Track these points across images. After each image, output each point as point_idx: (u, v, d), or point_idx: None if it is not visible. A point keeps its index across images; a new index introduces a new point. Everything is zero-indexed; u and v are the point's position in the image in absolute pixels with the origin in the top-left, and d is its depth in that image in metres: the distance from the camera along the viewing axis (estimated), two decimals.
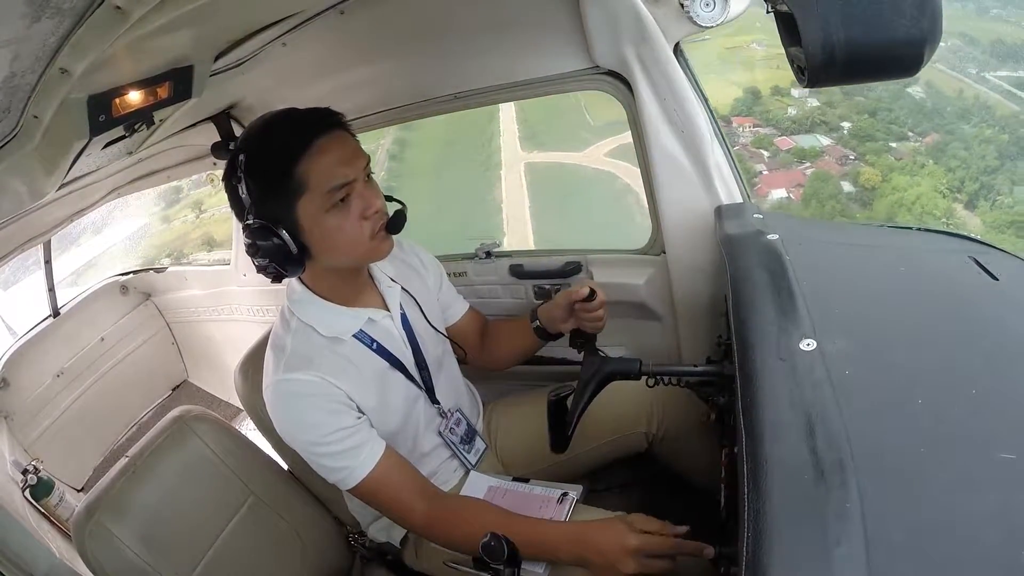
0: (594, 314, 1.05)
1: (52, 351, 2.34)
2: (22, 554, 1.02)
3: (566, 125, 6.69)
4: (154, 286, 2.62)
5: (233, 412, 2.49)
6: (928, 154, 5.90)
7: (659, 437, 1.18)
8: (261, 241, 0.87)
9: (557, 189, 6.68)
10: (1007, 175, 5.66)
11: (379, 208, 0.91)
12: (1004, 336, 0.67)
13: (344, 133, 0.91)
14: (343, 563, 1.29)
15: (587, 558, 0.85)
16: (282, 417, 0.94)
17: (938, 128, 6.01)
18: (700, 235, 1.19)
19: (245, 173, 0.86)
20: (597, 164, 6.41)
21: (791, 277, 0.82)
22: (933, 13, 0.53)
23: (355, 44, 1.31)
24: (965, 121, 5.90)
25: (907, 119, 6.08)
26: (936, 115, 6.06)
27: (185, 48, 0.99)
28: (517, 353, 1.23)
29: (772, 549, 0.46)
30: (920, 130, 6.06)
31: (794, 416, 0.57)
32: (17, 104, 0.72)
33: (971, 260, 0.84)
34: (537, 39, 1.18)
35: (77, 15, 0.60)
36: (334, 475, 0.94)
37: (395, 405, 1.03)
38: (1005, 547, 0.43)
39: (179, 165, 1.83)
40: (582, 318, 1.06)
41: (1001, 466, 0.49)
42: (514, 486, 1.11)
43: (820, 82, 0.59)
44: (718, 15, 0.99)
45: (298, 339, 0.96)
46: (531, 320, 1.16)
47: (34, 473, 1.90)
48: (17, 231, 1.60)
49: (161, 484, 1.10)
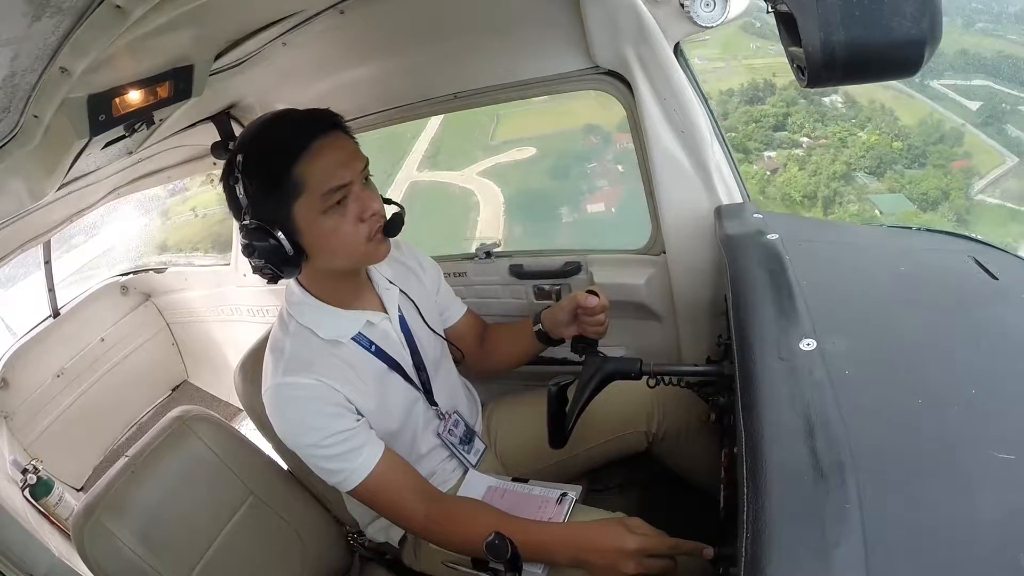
0: (596, 318, 1.05)
1: (52, 351, 2.34)
2: (22, 554, 1.02)
3: (467, 144, 6.88)
4: (154, 287, 2.63)
5: (233, 412, 2.49)
6: (800, 160, 6.04)
7: (659, 437, 1.18)
8: (257, 242, 0.87)
9: (419, 205, 6.90)
10: (861, 182, 5.83)
11: (376, 211, 0.91)
12: (1004, 336, 0.67)
13: (342, 135, 0.91)
14: (342, 563, 1.29)
15: (585, 560, 0.85)
16: (281, 420, 0.94)
17: (831, 135, 6.14)
18: (700, 235, 1.19)
19: (242, 174, 0.86)
20: (465, 183, 6.70)
21: (791, 277, 0.82)
22: (933, 13, 0.52)
23: (355, 44, 1.31)
24: (860, 127, 6.03)
25: (804, 125, 6.21)
26: (838, 120, 6.18)
27: (185, 47, 0.99)
28: (516, 356, 1.23)
29: (771, 549, 0.46)
30: (816, 135, 6.19)
31: (794, 416, 0.57)
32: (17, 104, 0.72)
33: (971, 260, 0.84)
34: (537, 39, 1.18)
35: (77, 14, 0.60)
36: (333, 477, 0.94)
37: (394, 407, 1.03)
38: (1004, 548, 0.43)
39: (179, 165, 1.83)
40: (585, 323, 1.06)
41: (1001, 466, 0.49)
42: (513, 486, 1.11)
43: (820, 82, 0.58)
44: (718, 15, 0.99)
45: (296, 342, 0.96)
46: (534, 323, 1.16)
47: (34, 473, 1.90)
48: (17, 231, 1.60)
49: (161, 484, 1.10)
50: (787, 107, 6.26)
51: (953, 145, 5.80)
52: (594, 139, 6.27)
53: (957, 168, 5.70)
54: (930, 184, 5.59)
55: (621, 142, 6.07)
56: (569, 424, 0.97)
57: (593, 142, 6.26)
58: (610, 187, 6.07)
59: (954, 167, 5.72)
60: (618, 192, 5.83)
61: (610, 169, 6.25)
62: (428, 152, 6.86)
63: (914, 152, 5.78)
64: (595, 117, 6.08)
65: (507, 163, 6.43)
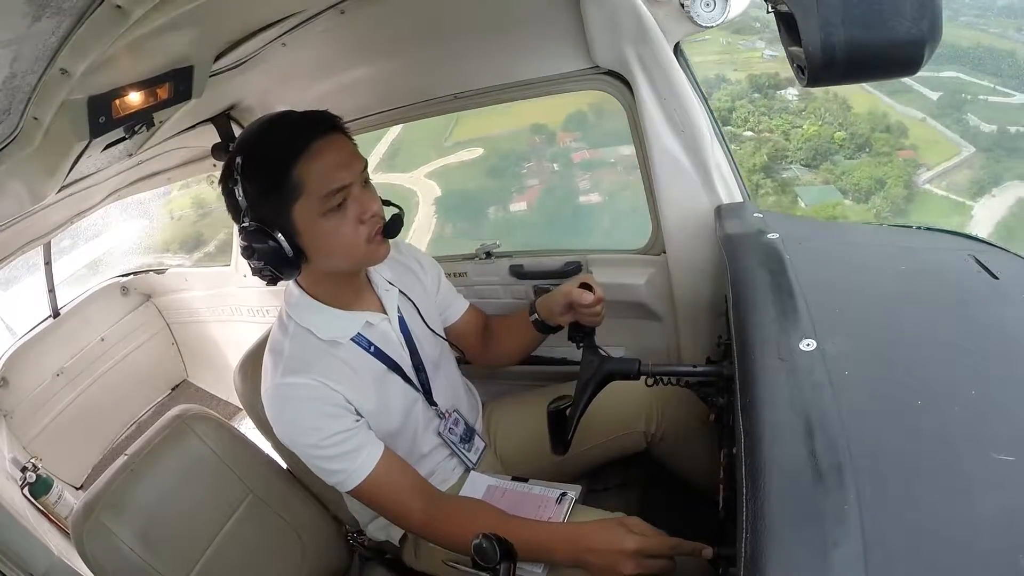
0: (591, 310, 1.05)
1: (52, 350, 2.35)
2: (21, 552, 1.02)
3: (423, 146, 6.93)
4: (154, 287, 2.63)
5: (232, 411, 2.49)
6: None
7: (658, 437, 1.18)
8: (257, 244, 0.87)
9: None
10: (787, 171, 5.87)
11: (376, 212, 0.91)
12: (1004, 336, 0.67)
13: (341, 136, 0.91)
14: (342, 562, 1.29)
15: (584, 559, 0.85)
16: (281, 421, 0.94)
17: (775, 128, 6.18)
18: (700, 235, 1.18)
19: (241, 175, 0.86)
20: (412, 184, 6.77)
21: (791, 277, 0.82)
22: (933, 13, 0.52)
23: (355, 44, 1.31)
24: (804, 119, 6.08)
25: (748, 119, 6.25)
26: (783, 113, 6.21)
27: (185, 48, 0.99)
28: (519, 348, 1.23)
29: (770, 550, 0.46)
30: (760, 128, 6.23)
31: (793, 417, 0.57)
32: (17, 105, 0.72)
33: (971, 259, 0.84)
34: (537, 39, 1.18)
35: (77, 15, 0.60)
36: (333, 477, 0.94)
37: (393, 407, 1.03)
38: (1004, 550, 0.43)
39: (179, 167, 1.83)
40: (580, 313, 1.06)
41: (1000, 468, 0.49)
42: (513, 486, 1.11)
43: (820, 82, 0.58)
44: (718, 15, 0.99)
45: (296, 343, 0.96)
46: (530, 313, 1.16)
47: (33, 471, 1.90)
48: (17, 233, 1.60)
49: (160, 482, 1.10)
50: (732, 102, 6.30)
51: (900, 135, 5.82)
52: (537, 139, 6.32)
53: (903, 158, 5.72)
54: (863, 174, 5.59)
55: (564, 141, 6.18)
56: (570, 431, 0.97)
57: (536, 142, 6.31)
58: (532, 187, 6.14)
59: (900, 157, 5.74)
60: (536, 193, 5.90)
61: (544, 168, 6.32)
62: (386, 154, 6.96)
63: (858, 142, 5.81)
64: (545, 116, 6.12)
65: (455, 164, 6.52)
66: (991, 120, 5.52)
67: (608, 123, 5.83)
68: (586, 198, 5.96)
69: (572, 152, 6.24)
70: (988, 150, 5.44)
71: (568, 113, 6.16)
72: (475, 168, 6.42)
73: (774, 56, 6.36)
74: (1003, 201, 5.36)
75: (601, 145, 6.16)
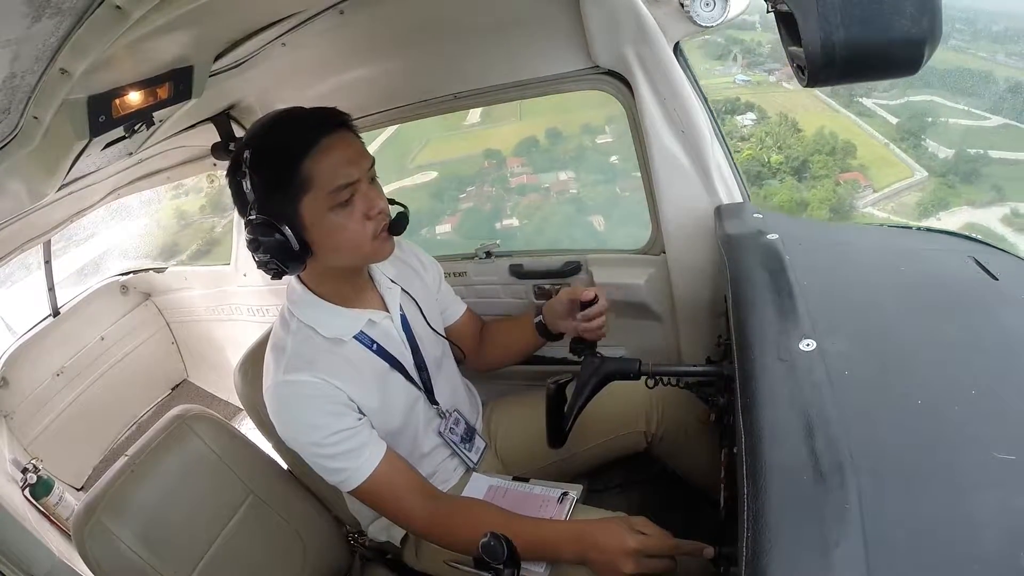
0: (594, 322, 1.05)
1: (52, 350, 2.34)
2: (22, 554, 1.02)
3: (386, 170, 7.05)
4: (154, 286, 2.63)
5: (232, 411, 2.49)
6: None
7: (658, 437, 1.18)
8: (263, 237, 0.87)
9: None
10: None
11: (382, 209, 0.92)
12: (1004, 336, 0.67)
13: (350, 133, 0.91)
14: (343, 562, 1.29)
15: (588, 557, 0.85)
16: (283, 419, 0.94)
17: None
18: (700, 235, 1.19)
19: (250, 169, 0.86)
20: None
21: (791, 277, 0.82)
22: (933, 13, 0.52)
23: (355, 44, 1.31)
24: (742, 140, 6.15)
25: None
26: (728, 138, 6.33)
27: (185, 48, 0.99)
28: (516, 351, 1.23)
29: (771, 549, 0.46)
30: None
31: (793, 417, 0.57)
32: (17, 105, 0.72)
33: (971, 260, 0.84)
34: (537, 39, 1.18)
35: (77, 15, 0.60)
36: (335, 477, 0.94)
37: (395, 406, 1.03)
38: (1004, 548, 0.43)
39: (179, 166, 1.83)
40: (584, 328, 1.06)
41: (1000, 467, 0.49)
42: (514, 486, 1.11)
43: (820, 82, 0.58)
44: (718, 15, 0.99)
45: (298, 340, 0.96)
46: (535, 315, 1.16)
47: (34, 472, 1.90)
48: (17, 231, 1.60)
49: (161, 483, 1.10)
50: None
51: (848, 157, 5.83)
52: (487, 164, 6.43)
53: (846, 180, 5.74)
54: (783, 197, 5.62)
55: (513, 166, 6.30)
56: (567, 424, 0.97)
57: (486, 167, 6.42)
58: (460, 212, 6.28)
59: (844, 179, 5.76)
60: (457, 218, 6.03)
61: (483, 192, 6.46)
62: None
63: (793, 165, 5.83)
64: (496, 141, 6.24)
65: (409, 186, 6.62)
66: (951, 144, 5.54)
67: (558, 148, 6.00)
68: (508, 221, 6.09)
69: (513, 177, 6.40)
70: (942, 175, 5.46)
71: (519, 141, 6.33)
72: (425, 191, 6.53)
73: (747, 81, 6.39)
74: (946, 226, 5.37)
75: (544, 171, 6.31)
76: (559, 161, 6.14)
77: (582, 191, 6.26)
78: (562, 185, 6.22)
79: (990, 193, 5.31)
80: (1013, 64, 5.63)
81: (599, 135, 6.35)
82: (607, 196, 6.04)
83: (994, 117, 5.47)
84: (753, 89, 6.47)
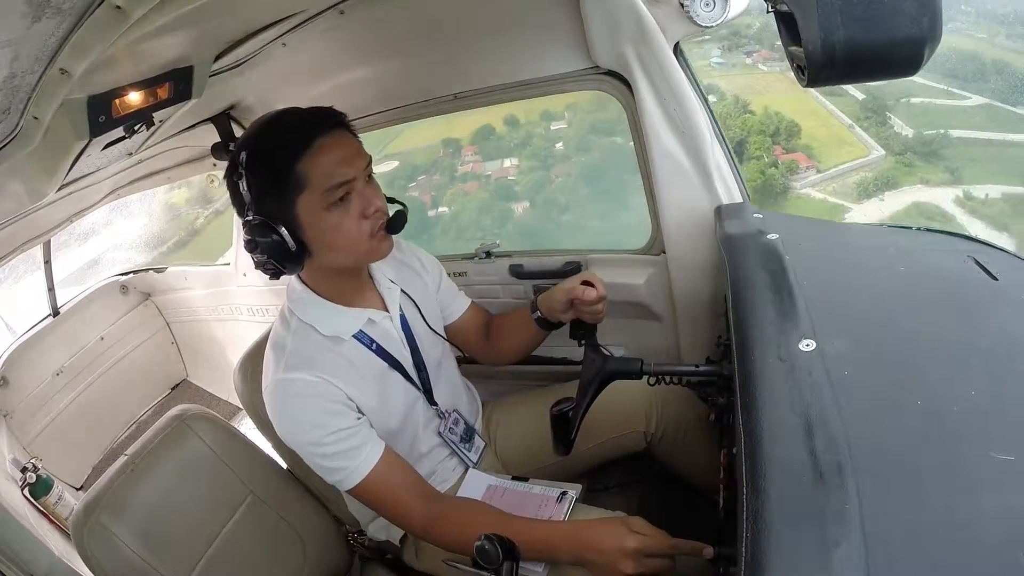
0: (593, 307, 1.05)
1: (52, 350, 2.34)
2: (21, 553, 1.02)
3: None
4: (154, 286, 2.63)
5: (232, 411, 2.49)
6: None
7: (658, 437, 1.18)
8: (260, 237, 0.87)
9: None
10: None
11: (379, 207, 0.92)
12: (1004, 336, 0.67)
13: (346, 133, 0.91)
14: (342, 562, 1.29)
15: (587, 557, 0.85)
16: (282, 417, 0.94)
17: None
18: (700, 235, 1.18)
19: (246, 169, 0.86)
20: None
21: (791, 277, 0.82)
22: (933, 12, 0.52)
23: (355, 44, 1.31)
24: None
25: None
26: None
27: (185, 48, 0.99)
28: (522, 345, 1.23)
29: (771, 550, 0.46)
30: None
31: (793, 417, 0.57)
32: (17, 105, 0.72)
33: (971, 260, 0.84)
34: (537, 39, 1.18)
35: (77, 15, 0.60)
36: (333, 476, 0.94)
37: (394, 406, 1.03)
38: (1004, 548, 0.43)
39: (179, 166, 1.83)
40: (581, 310, 1.06)
41: (1000, 467, 0.49)
42: (513, 485, 1.11)
43: (820, 81, 0.58)
44: (718, 15, 0.99)
45: (298, 338, 0.96)
46: (531, 311, 1.16)
47: (33, 471, 1.90)
48: (17, 231, 1.60)
49: (160, 483, 1.10)
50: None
51: (791, 138, 5.76)
52: (443, 152, 6.46)
53: (786, 160, 5.67)
54: None
55: (467, 154, 6.34)
56: (573, 431, 0.97)
57: (442, 155, 6.45)
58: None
59: (782, 159, 5.70)
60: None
61: (432, 182, 6.43)
62: None
63: (730, 145, 5.89)
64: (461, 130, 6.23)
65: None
66: (917, 125, 5.50)
67: (513, 135, 6.04)
68: (443, 209, 6.10)
69: (462, 166, 6.49)
70: (899, 153, 5.42)
71: (481, 126, 6.38)
72: (383, 180, 6.56)
73: (722, 64, 6.36)
74: (889, 205, 5.28)
75: (491, 159, 6.36)
76: (506, 149, 6.19)
77: (519, 178, 6.33)
78: (503, 172, 6.29)
79: (945, 174, 5.28)
80: (1010, 46, 5.60)
81: (555, 121, 6.39)
82: (538, 182, 6.09)
83: (975, 97, 5.44)
84: (727, 72, 6.45)
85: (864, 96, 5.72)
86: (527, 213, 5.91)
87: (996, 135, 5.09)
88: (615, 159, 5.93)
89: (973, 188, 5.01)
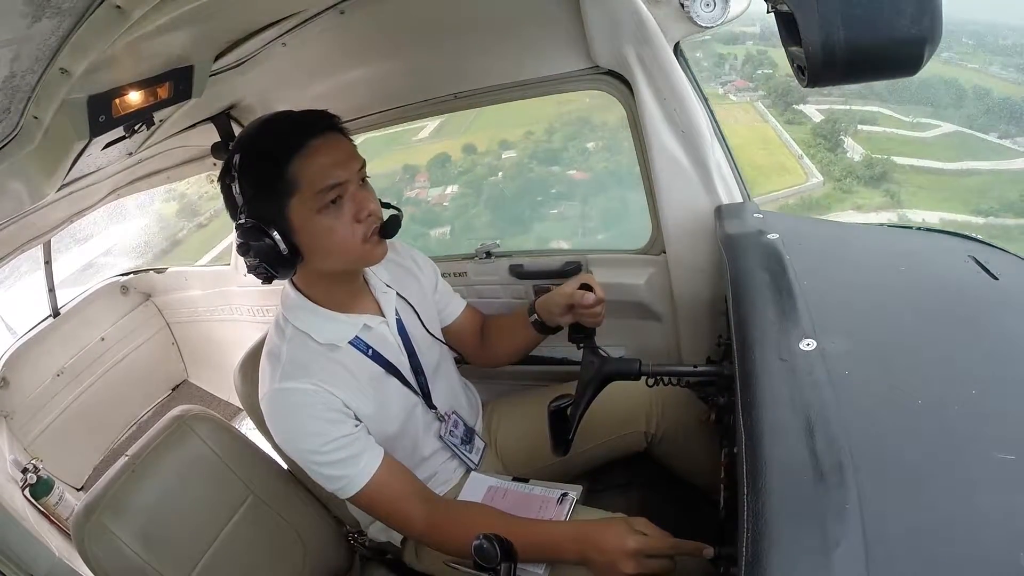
0: (593, 310, 1.05)
1: (52, 350, 2.34)
2: (22, 553, 1.02)
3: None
4: (154, 286, 2.63)
5: (232, 411, 2.49)
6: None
7: (658, 437, 1.18)
8: (253, 241, 0.87)
9: None
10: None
11: (373, 211, 0.91)
12: (1004, 336, 0.67)
13: (338, 135, 0.91)
14: (343, 562, 1.29)
15: (588, 557, 0.85)
16: (280, 427, 0.93)
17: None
18: (700, 235, 1.18)
19: (238, 173, 0.87)
20: None
21: (791, 277, 0.82)
22: (933, 12, 0.52)
23: (355, 44, 1.31)
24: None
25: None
26: None
27: (185, 48, 0.99)
28: (517, 348, 1.23)
29: (771, 549, 0.46)
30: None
31: (794, 416, 0.57)
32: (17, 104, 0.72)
33: (971, 259, 0.84)
34: (537, 39, 1.18)
35: (77, 15, 0.60)
36: (333, 484, 0.94)
37: (393, 411, 1.02)
38: (1004, 548, 0.43)
39: (179, 166, 1.83)
40: (580, 314, 1.06)
41: (1001, 467, 0.49)
42: (514, 486, 1.11)
43: (820, 82, 0.58)
44: (718, 15, 0.99)
45: (294, 346, 0.95)
46: (528, 314, 1.15)
47: (34, 472, 1.90)
48: (17, 232, 1.60)
49: (161, 483, 1.10)
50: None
51: None
52: (398, 179, 6.72)
53: None
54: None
55: (418, 181, 6.57)
56: (571, 431, 0.97)
57: (397, 181, 6.73)
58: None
59: None
60: None
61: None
62: None
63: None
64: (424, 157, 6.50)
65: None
66: (869, 151, 5.48)
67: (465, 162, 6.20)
68: None
69: (409, 191, 6.66)
70: (838, 179, 5.41)
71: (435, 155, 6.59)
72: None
73: None
74: None
75: (436, 185, 6.57)
76: (450, 177, 6.32)
77: (451, 203, 6.45)
78: (439, 199, 6.48)
79: (883, 199, 5.27)
80: (998, 73, 5.59)
81: (507, 151, 6.55)
82: (461, 206, 6.24)
83: (945, 125, 5.42)
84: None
85: (817, 121, 5.73)
86: (446, 233, 6.09)
87: (950, 165, 5.10)
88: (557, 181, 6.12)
89: (909, 213, 5.00)
